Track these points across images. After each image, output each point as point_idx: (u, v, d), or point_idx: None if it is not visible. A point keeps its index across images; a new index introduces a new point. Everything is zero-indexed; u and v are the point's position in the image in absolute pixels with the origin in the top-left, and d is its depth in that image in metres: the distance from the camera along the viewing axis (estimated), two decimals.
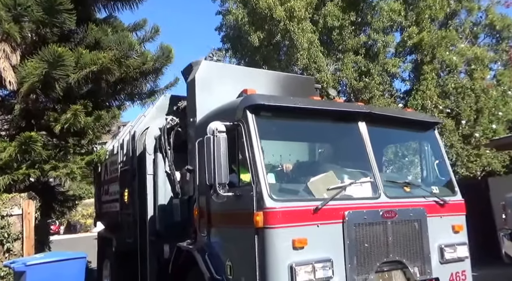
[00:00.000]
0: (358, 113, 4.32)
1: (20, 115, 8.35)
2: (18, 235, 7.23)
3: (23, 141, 7.45)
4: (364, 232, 3.79)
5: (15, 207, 7.39)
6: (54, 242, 10.43)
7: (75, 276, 5.76)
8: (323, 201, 3.66)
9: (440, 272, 4.23)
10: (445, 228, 4.42)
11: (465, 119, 12.50)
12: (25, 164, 7.91)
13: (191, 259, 4.38)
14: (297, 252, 3.48)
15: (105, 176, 8.07)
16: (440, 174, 4.88)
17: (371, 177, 4.10)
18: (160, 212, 5.47)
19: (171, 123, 5.50)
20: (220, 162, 3.69)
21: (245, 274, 3.67)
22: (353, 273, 3.66)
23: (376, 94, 13.01)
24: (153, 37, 9.54)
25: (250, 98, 3.94)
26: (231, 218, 3.98)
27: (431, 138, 4.94)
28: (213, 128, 3.79)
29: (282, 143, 4.84)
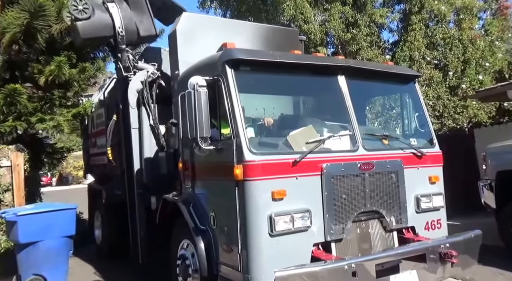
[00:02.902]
0: (337, 66, 4.31)
1: (3, 67, 8.26)
2: (8, 186, 7.38)
3: (8, 93, 7.47)
4: (342, 184, 3.92)
5: (3, 159, 7.47)
6: (46, 194, 10.64)
7: (66, 226, 5.93)
8: (302, 154, 3.75)
9: (415, 221, 4.42)
10: (421, 179, 4.57)
11: (452, 70, 12.52)
12: (11, 116, 7.93)
13: (176, 210, 4.54)
14: (276, 203, 3.61)
15: (92, 129, 8.10)
16: (419, 126, 4.97)
17: (350, 130, 4.18)
18: (147, 165, 5.57)
19: (152, 77, 5.45)
20: (201, 116, 3.74)
21: (227, 224, 3.83)
22: (331, 223, 3.82)
23: (364, 46, 12.87)
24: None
25: (229, 53, 3.91)
26: (213, 171, 4.08)
27: (411, 91, 4.99)
28: (193, 83, 3.81)
29: (262, 97, 4.87)
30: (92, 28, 5.61)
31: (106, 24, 5.61)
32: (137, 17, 5.63)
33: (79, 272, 6.75)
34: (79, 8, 5.45)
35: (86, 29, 5.58)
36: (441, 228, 4.66)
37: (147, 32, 5.80)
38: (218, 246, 3.97)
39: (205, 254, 4.04)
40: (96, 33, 5.70)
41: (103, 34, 5.70)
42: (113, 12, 5.53)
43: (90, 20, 5.51)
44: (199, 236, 4.11)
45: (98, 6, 5.60)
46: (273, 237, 3.56)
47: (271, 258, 3.53)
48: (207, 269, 4.02)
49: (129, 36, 5.66)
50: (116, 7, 5.51)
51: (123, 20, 5.56)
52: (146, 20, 5.69)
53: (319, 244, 3.81)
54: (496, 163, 6.56)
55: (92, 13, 5.52)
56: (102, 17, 5.56)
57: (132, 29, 5.70)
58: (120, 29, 5.53)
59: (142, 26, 5.71)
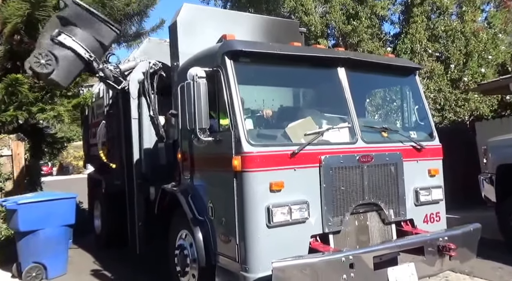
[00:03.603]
0: (337, 58, 4.29)
1: (5, 56, 8.30)
2: (9, 175, 7.44)
3: (9, 83, 7.53)
4: (340, 176, 3.92)
5: (4, 148, 7.51)
6: (47, 183, 10.69)
7: (66, 215, 5.98)
8: (300, 146, 3.74)
9: (414, 214, 4.42)
10: (421, 172, 4.55)
11: (454, 63, 12.42)
12: (12, 106, 7.97)
13: (175, 200, 4.55)
14: (274, 195, 3.61)
15: (92, 119, 8.10)
16: (419, 119, 4.94)
17: (349, 123, 4.16)
18: (146, 156, 5.58)
19: (154, 68, 5.44)
20: (200, 108, 3.74)
21: (225, 215, 3.83)
22: (328, 215, 3.82)
23: (365, 38, 12.74)
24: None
25: (229, 44, 3.89)
26: (212, 162, 4.09)
27: (411, 84, 4.96)
28: (193, 74, 3.80)
29: (261, 89, 4.85)
30: (66, 72, 5.24)
31: (73, 59, 5.22)
32: (93, 32, 5.27)
33: (79, 260, 6.81)
34: (41, 62, 5.07)
35: (62, 76, 5.25)
36: (440, 221, 4.65)
37: (110, 37, 5.43)
38: (216, 237, 3.99)
39: (203, 244, 4.06)
40: (72, 73, 5.36)
41: (78, 69, 5.37)
42: (69, 44, 5.12)
43: (58, 65, 5.15)
44: (197, 227, 4.12)
45: (54, 47, 5.16)
46: (270, 228, 3.57)
47: (268, 249, 3.54)
48: (205, 259, 4.04)
49: (97, 54, 5.36)
50: (68, 37, 5.10)
51: (83, 43, 5.18)
52: (101, 27, 5.30)
53: (317, 235, 3.81)
54: (497, 157, 6.55)
55: (56, 62, 5.12)
56: (65, 55, 5.14)
57: (96, 46, 5.34)
58: (87, 55, 5.18)
59: (102, 36, 5.33)
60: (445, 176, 4.79)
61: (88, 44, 5.22)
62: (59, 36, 5.08)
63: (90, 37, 5.23)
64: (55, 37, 5.07)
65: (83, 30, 5.17)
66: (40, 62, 5.08)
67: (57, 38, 5.07)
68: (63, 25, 5.13)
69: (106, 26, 5.31)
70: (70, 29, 5.14)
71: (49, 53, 5.10)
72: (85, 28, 5.18)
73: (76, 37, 5.14)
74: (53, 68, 5.12)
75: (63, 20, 5.15)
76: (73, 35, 5.14)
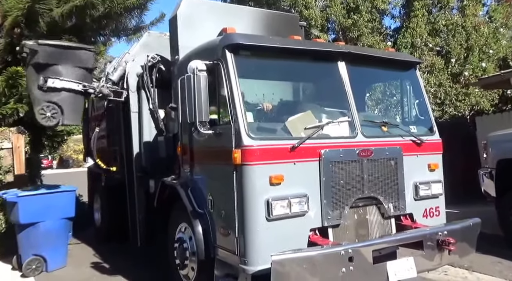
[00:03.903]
0: (337, 52, 4.28)
1: (6, 49, 8.29)
2: (9, 168, 7.44)
3: (9, 75, 7.55)
4: (340, 170, 3.92)
5: (5, 141, 7.51)
6: (47, 176, 10.69)
7: (66, 208, 5.99)
8: (300, 140, 3.74)
9: (413, 208, 4.43)
10: (420, 166, 4.55)
11: (455, 57, 12.39)
12: (13, 99, 7.97)
13: (175, 193, 4.56)
14: (274, 188, 3.62)
15: (92, 112, 8.09)
16: (419, 113, 4.95)
17: (349, 117, 4.16)
18: (146, 149, 5.59)
19: (153, 61, 5.42)
20: (200, 101, 3.73)
21: (225, 208, 3.84)
22: (328, 208, 3.83)
23: (365, 32, 12.70)
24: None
25: (229, 37, 3.88)
26: (212, 155, 4.09)
27: (411, 78, 4.95)
28: (193, 67, 3.80)
29: (262, 82, 4.84)
30: (73, 111, 5.23)
31: (72, 97, 5.15)
32: (73, 62, 5.16)
33: (79, 253, 6.84)
34: (47, 116, 5.03)
35: (71, 117, 5.22)
36: (439, 215, 4.66)
37: (90, 59, 5.35)
38: (215, 230, 4.00)
39: (203, 237, 4.07)
40: (78, 108, 5.34)
41: (81, 102, 5.35)
42: (60, 85, 5.04)
43: (63, 110, 5.11)
44: (196, 220, 4.14)
45: (49, 95, 5.08)
46: (270, 222, 3.58)
47: (268, 242, 3.55)
48: (204, 252, 4.06)
49: (88, 79, 5.33)
50: (56, 79, 5.00)
51: (71, 77, 5.12)
52: (78, 54, 5.22)
53: (316, 229, 3.82)
54: (497, 151, 6.54)
55: (60, 109, 5.07)
56: (63, 98, 5.09)
57: (83, 73, 5.29)
58: (80, 87, 5.14)
59: (82, 62, 5.25)
60: (445, 170, 4.79)
61: (76, 76, 5.17)
62: (47, 83, 5.02)
63: (73, 68, 5.17)
64: (44, 85, 5.00)
65: (63, 66, 5.09)
66: (46, 116, 5.05)
67: (46, 85, 5.01)
68: (43, 69, 5.06)
69: (81, 51, 5.27)
70: (52, 70, 5.06)
71: (50, 103, 5.05)
72: (64, 62, 5.11)
73: (62, 76, 5.08)
74: (60, 115, 5.11)
75: (40, 65, 5.07)
76: (58, 75, 5.07)
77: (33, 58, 5.07)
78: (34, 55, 5.04)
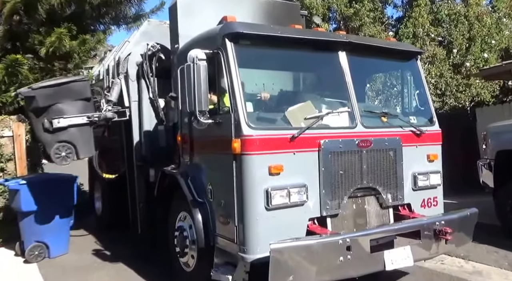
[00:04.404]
0: (338, 42, 4.26)
1: (5, 37, 8.28)
2: (10, 156, 7.47)
3: (9, 63, 7.54)
4: (339, 160, 3.94)
5: (5, 129, 7.52)
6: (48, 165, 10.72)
7: (67, 196, 6.04)
8: (300, 130, 3.75)
9: (411, 198, 4.46)
10: (420, 157, 4.57)
11: (456, 47, 12.31)
12: (13, 87, 7.97)
13: (175, 182, 4.59)
14: (273, 178, 3.64)
15: None
16: (419, 104, 4.95)
17: (349, 107, 4.16)
18: (146, 138, 5.60)
19: (152, 50, 5.40)
20: (200, 90, 3.72)
21: (224, 197, 3.87)
22: (326, 198, 3.86)
23: (366, 22, 12.59)
24: None
25: (229, 26, 3.86)
26: (212, 145, 4.10)
27: (412, 68, 4.93)
28: (193, 56, 3.78)
29: (262, 72, 4.82)
30: (85, 143, 5.29)
31: (80, 130, 5.20)
32: (71, 97, 5.17)
33: (80, 241, 6.90)
34: (63, 155, 5.10)
35: (85, 150, 5.30)
36: (437, 205, 4.69)
37: (86, 88, 5.39)
38: (215, 219, 4.04)
39: (202, 226, 4.11)
40: (89, 139, 5.35)
41: (90, 133, 5.39)
42: (65, 123, 5.06)
43: (76, 145, 5.19)
44: (196, 209, 4.17)
45: (58, 135, 5.12)
46: (269, 211, 3.61)
47: (267, 231, 3.58)
48: (204, 240, 4.10)
49: (90, 108, 5.40)
50: (60, 119, 5.02)
51: (74, 112, 5.16)
52: (73, 87, 5.22)
53: (314, 218, 3.86)
54: (496, 142, 6.56)
55: (73, 146, 5.13)
56: (72, 134, 5.15)
57: (84, 104, 5.32)
58: (85, 119, 5.20)
59: (80, 93, 5.26)
60: (444, 161, 4.80)
61: (77, 109, 5.21)
62: (53, 124, 5.04)
63: (73, 102, 5.19)
64: (50, 127, 5.03)
65: (63, 103, 5.10)
66: (61, 156, 5.12)
67: (52, 127, 5.04)
68: (44, 112, 5.07)
69: (75, 83, 5.26)
70: (53, 110, 5.08)
71: (61, 142, 5.10)
72: (63, 99, 5.12)
73: (64, 113, 5.10)
74: (74, 152, 5.17)
75: (40, 109, 5.08)
76: (61, 113, 5.08)
77: (32, 103, 5.10)
78: (32, 101, 5.07)
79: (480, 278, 4.84)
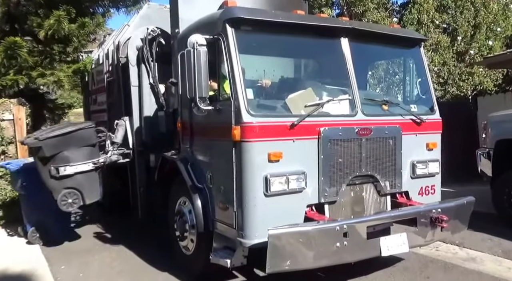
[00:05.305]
0: (341, 28, 4.21)
1: (3, 19, 8.21)
2: (11, 139, 7.52)
3: (8, 46, 7.53)
4: (339, 148, 3.95)
5: (6, 112, 7.54)
6: None
7: None
8: (300, 118, 3.76)
9: (409, 186, 4.48)
10: (419, 145, 4.58)
11: (461, 35, 12.19)
12: (12, 70, 7.97)
13: (175, 168, 4.62)
14: (272, 165, 3.66)
15: (92, 86, 8.05)
16: (421, 92, 4.93)
17: (349, 95, 4.15)
18: (146, 124, 5.59)
19: (153, 34, 5.35)
20: (200, 76, 3.71)
21: (224, 184, 3.90)
22: (325, 185, 3.89)
23: (370, 7, 12.40)
24: None
25: (230, 11, 3.82)
26: (212, 131, 4.11)
27: (415, 56, 4.89)
28: (193, 41, 3.76)
29: (263, 58, 4.80)
30: (91, 189, 5.34)
31: (86, 176, 5.22)
32: (77, 144, 5.19)
33: (81, 223, 6.97)
34: (69, 202, 5.17)
35: (92, 195, 5.35)
36: (434, 193, 4.72)
37: (91, 134, 5.38)
38: (214, 204, 4.07)
39: (202, 211, 4.15)
40: (95, 185, 5.42)
41: (97, 178, 5.41)
42: (72, 170, 5.09)
43: (82, 191, 5.24)
44: (196, 194, 4.20)
45: (64, 182, 5.17)
46: (268, 197, 3.64)
47: (265, 217, 3.62)
48: (203, 225, 4.14)
49: (95, 154, 5.41)
50: (67, 167, 5.08)
51: (80, 159, 5.18)
52: (79, 135, 5.24)
53: (312, 205, 3.89)
54: (496, 132, 6.57)
55: (79, 192, 5.20)
56: (79, 181, 5.20)
57: (89, 150, 5.36)
58: (91, 165, 5.24)
59: (85, 140, 5.29)
60: (444, 150, 4.82)
61: (83, 156, 5.24)
62: (59, 172, 5.07)
63: (79, 149, 5.22)
64: (57, 174, 5.07)
65: (69, 151, 5.13)
66: (68, 202, 5.18)
67: (58, 174, 5.08)
68: (51, 160, 5.10)
69: (81, 131, 5.28)
70: (60, 158, 5.11)
71: (67, 189, 5.16)
72: (69, 147, 5.15)
73: (70, 161, 5.12)
74: (80, 198, 5.25)
75: (45, 158, 5.11)
76: (67, 161, 5.11)
77: (38, 153, 5.16)
78: (39, 151, 5.13)
79: (474, 264, 4.91)
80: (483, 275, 4.57)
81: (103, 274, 4.89)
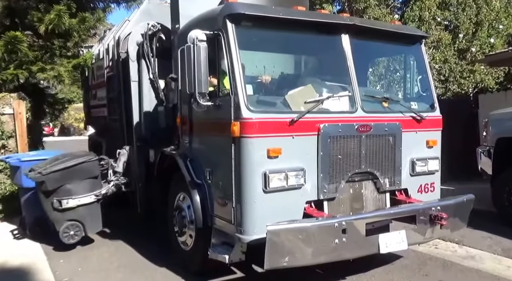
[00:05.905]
0: (342, 25, 4.18)
1: (3, 13, 8.20)
2: (11, 133, 7.52)
3: (8, 40, 7.51)
4: (338, 145, 3.93)
5: (6, 106, 7.54)
6: (48, 143, 10.78)
7: None
8: (299, 114, 3.74)
9: (409, 184, 4.47)
10: (419, 142, 4.56)
11: (463, 32, 12.15)
12: (12, 64, 7.96)
13: (174, 163, 4.61)
14: (272, 161, 3.65)
15: (92, 81, 8.05)
16: (421, 89, 4.91)
17: (349, 92, 4.13)
18: (146, 119, 5.59)
19: (153, 29, 5.34)
20: (200, 72, 3.70)
21: (223, 179, 3.89)
22: (324, 182, 3.88)
23: (372, 4, 12.37)
24: None
25: (231, 7, 3.79)
26: (211, 127, 4.11)
27: (416, 53, 4.87)
28: (193, 37, 3.74)
29: (263, 54, 4.76)
30: (93, 220, 5.47)
31: (88, 208, 5.39)
32: (80, 177, 5.32)
33: None
34: (71, 234, 5.30)
35: (94, 226, 5.52)
36: (434, 191, 4.71)
37: (95, 167, 5.50)
38: (213, 200, 4.07)
39: (200, 206, 4.15)
40: (97, 216, 5.55)
41: (99, 209, 5.58)
42: (75, 203, 5.25)
43: (84, 223, 5.38)
44: (195, 190, 4.20)
45: (67, 214, 5.29)
46: (266, 193, 3.63)
47: (264, 213, 3.62)
48: (202, 221, 4.14)
49: (98, 185, 5.52)
50: (70, 199, 5.21)
51: (83, 192, 5.31)
52: (82, 168, 5.34)
53: (311, 202, 3.89)
54: (497, 130, 6.55)
55: (80, 224, 5.33)
56: (81, 213, 5.32)
57: (92, 182, 5.46)
58: (93, 198, 5.40)
59: (89, 172, 5.42)
60: (444, 148, 4.80)
61: (86, 188, 5.34)
62: (62, 204, 5.17)
63: (82, 182, 5.32)
64: (59, 207, 5.17)
65: (72, 183, 5.23)
66: (70, 234, 5.31)
67: (61, 207, 5.18)
68: (53, 193, 5.19)
69: (84, 164, 5.34)
70: (62, 191, 5.21)
71: (69, 221, 5.26)
72: (72, 180, 5.24)
73: (73, 194, 5.22)
74: (82, 230, 5.38)
75: (48, 191, 5.18)
76: (69, 194, 5.21)
77: (41, 186, 5.21)
78: (42, 184, 5.19)
79: (473, 262, 4.91)
80: (482, 273, 4.57)
81: (102, 268, 4.90)
